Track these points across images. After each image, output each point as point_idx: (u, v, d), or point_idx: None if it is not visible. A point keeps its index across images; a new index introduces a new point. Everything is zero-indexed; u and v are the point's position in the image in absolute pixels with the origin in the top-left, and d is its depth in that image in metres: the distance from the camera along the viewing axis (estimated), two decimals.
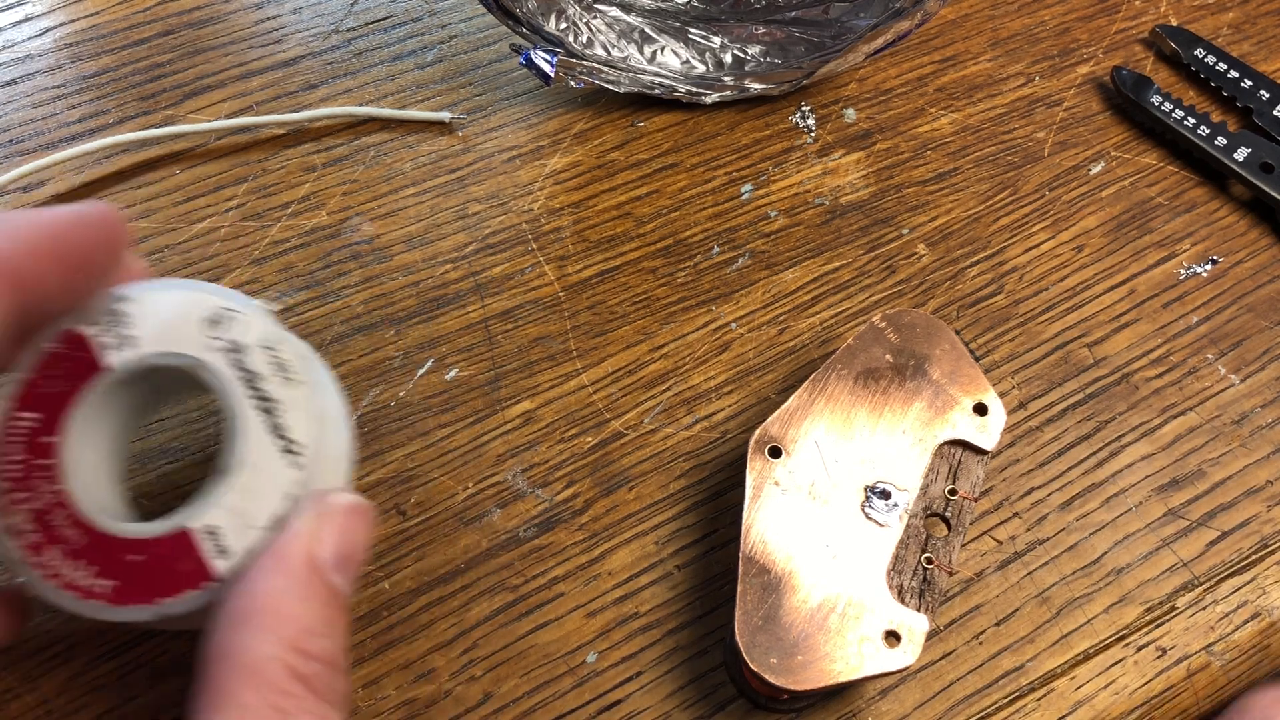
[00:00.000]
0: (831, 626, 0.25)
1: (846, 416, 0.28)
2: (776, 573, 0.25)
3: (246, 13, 0.39)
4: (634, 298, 0.33)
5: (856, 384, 0.28)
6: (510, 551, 0.29)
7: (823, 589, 0.25)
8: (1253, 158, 0.35)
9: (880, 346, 0.29)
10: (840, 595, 0.25)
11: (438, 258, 0.33)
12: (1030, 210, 0.35)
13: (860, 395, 0.28)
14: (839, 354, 0.28)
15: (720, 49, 0.37)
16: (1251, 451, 0.31)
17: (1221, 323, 0.33)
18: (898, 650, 0.25)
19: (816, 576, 0.25)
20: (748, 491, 0.26)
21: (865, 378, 0.28)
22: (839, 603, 0.25)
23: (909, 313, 0.29)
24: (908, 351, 0.29)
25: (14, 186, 0.34)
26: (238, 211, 0.34)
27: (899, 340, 0.29)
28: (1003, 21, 0.40)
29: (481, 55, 0.38)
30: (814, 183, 0.35)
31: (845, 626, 0.25)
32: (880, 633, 0.25)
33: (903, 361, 0.28)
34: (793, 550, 0.26)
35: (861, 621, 0.25)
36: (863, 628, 0.25)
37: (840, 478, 0.27)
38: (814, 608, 0.25)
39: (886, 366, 0.28)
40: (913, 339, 0.29)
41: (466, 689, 0.27)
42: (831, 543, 0.26)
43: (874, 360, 0.28)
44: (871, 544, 0.26)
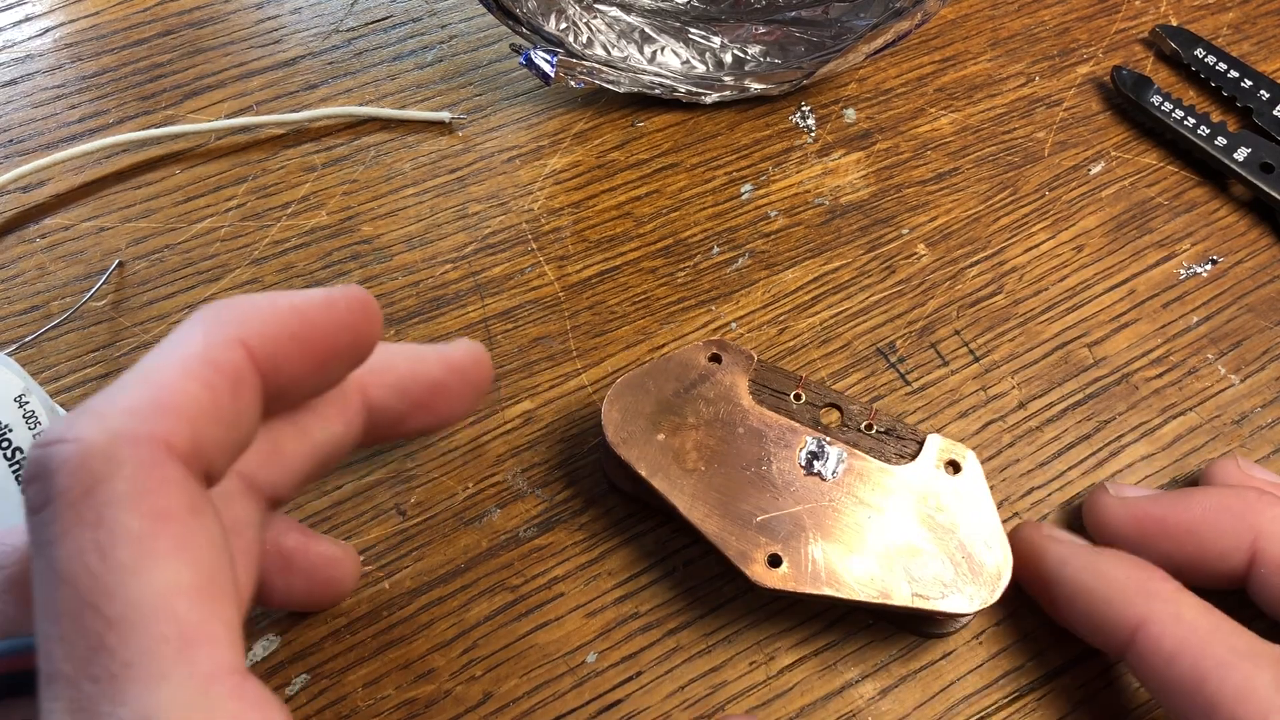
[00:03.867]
0: (947, 524, 0.26)
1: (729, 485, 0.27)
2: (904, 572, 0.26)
3: (246, 13, 0.39)
4: (634, 298, 0.33)
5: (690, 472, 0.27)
6: (510, 551, 0.29)
7: (910, 528, 0.26)
8: (1253, 158, 0.35)
9: (646, 443, 0.27)
10: (915, 513, 0.26)
11: (438, 258, 0.33)
12: (1030, 210, 0.35)
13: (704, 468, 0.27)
14: (658, 485, 0.26)
15: (720, 49, 0.37)
16: (1251, 451, 0.31)
17: (1221, 323, 0.33)
18: (966, 467, 0.27)
19: (900, 532, 0.26)
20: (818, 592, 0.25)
21: (681, 462, 0.27)
22: (924, 514, 0.26)
23: (604, 408, 0.27)
24: (651, 415, 0.27)
25: (14, 186, 0.34)
26: (238, 211, 0.34)
27: (640, 424, 0.27)
28: (1003, 21, 0.40)
29: (481, 55, 0.38)
30: (814, 183, 0.35)
31: (949, 512, 0.26)
32: (948, 479, 0.27)
33: (665, 421, 0.27)
34: (875, 555, 0.26)
35: (940, 494, 0.26)
36: (946, 494, 0.26)
37: (796, 498, 0.27)
38: (930, 538, 0.26)
39: (670, 438, 0.27)
40: (636, 409, 0.27)
41: (466, 689, 0.27)
42: (862, 515, 0.26)
43: (663, 449, 0.27)
44: (860, 478, 0.27)
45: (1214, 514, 0.25)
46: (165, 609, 0.15)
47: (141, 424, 0.16)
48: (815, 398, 0.28)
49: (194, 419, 0.16)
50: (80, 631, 0.15)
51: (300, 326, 0.19)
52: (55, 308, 0.32)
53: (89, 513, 0.15)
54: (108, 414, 0.16)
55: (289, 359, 0.18)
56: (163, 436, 0.16)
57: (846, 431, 0.28)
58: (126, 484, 0.15)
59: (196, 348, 0.17)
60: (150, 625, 0.15)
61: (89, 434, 0.15)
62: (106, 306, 0.32)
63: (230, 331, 0.18)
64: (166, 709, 0.14)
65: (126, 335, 0.32)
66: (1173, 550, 0.26)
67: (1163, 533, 0.26)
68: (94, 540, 0.15)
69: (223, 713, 0.14)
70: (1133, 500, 0.27)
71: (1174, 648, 0.23)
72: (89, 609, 0.15)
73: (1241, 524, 0.25)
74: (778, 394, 0.28)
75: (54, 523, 0.15)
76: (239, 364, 0.17)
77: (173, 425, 0.16)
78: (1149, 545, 0.26)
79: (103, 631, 0.14)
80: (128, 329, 0.32)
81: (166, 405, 0.16)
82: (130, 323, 0.32)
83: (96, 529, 0.15)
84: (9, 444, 0.25)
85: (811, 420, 0.28)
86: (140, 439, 0.15)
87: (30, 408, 0.26)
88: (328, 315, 0.19)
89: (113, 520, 0.15)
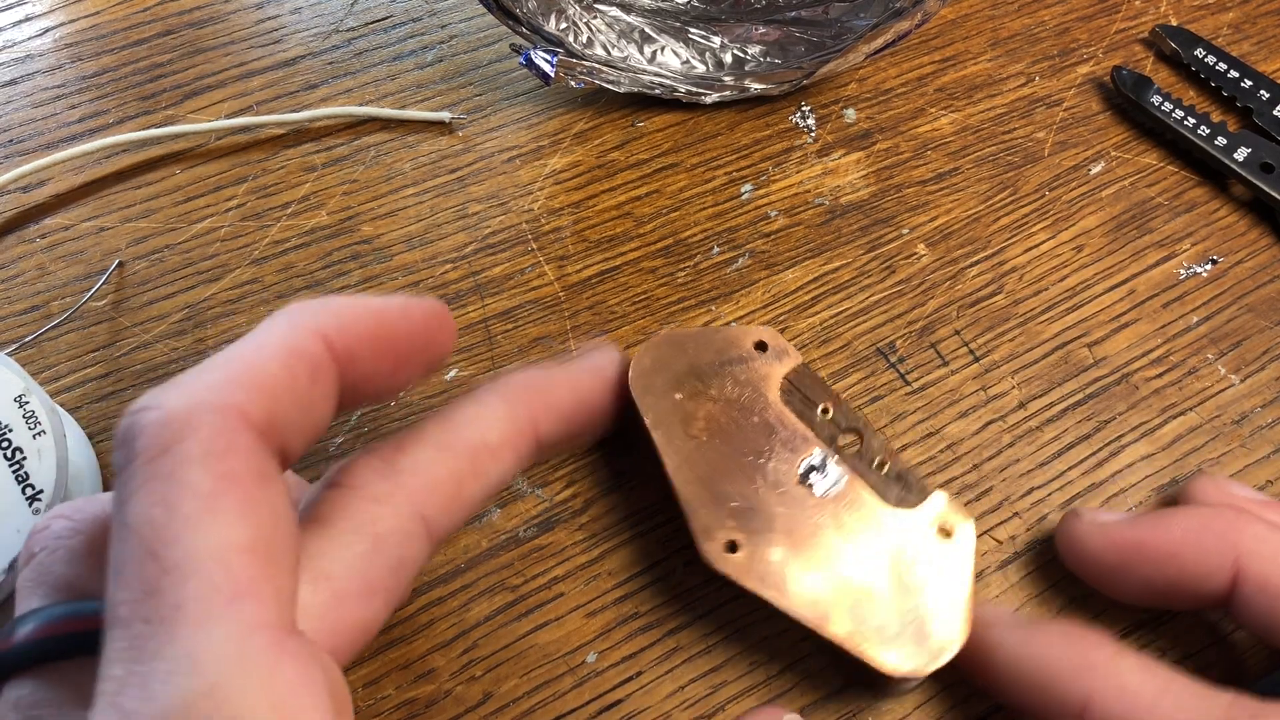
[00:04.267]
0: (913, 583, 0.25)
1: (721, 463, 0.27)
2: (846, 607, 0.25)
3: (246, 13, 0.39)
4: (634, 298, 0.33)
5: (690, 439, 0.27)
6: (510, 551, 0.29)
7: (877, 572, 0.25)
8: (1253, 158, 0.35)
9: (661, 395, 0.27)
10: (889, 558, 0.25)
11: (438, 258, 0.33)
12: (1030, 210, 0.35)
13: (705, 441, 0.27)
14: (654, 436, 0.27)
15: (720, 49, 0.37)
16: (1251, 451, 0.31)
17: (1221, 323, 0.33)
18: (957, 535, 0.26)
19: (863, 571, 0.25)
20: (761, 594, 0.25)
21: (688, 426, 0.27)
22: (895, 563, 0.25)
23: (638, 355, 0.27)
24: (678, 376, 0.28)
25: (14, 186, 0.34)
26: (238, 211, 0.34)
27: (663, 379, 0.27)
28: (1003, 21, 0.40)
29: (481, 55, 0.38)
30: (814, 183, 0.35)
31: (919, 569, 0.25)
32: (936, 541, 0.25)
33: (689, 386, 0.27)
34: (830, 580, 0.25)
35: (920, 552, 0.25)
36: (925, 553, 0.25)
37: (781, 500, 0.26)
38: (893, 589, 0.25)
39: (686, 401, 0.27)
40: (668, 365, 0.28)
41: (466, 689, 0.27)
42: (837, 541, 0.26)
43: (675, 410, 0.27)
44: (852, 506, 0.26)
45: (1194, 535, 0.25)
46: (219, 561, 0.16)
47: (220, 394, 0.17)
48: (842, 419, 0.28)
49: (271, 395, 0.17)
50: (140, 576, 0.15)
51: (378, 328, 0.20)
52: (55, 308, 0.32)
53: (163, 469, 0.16)
54: (191, 385, 0.17)
55: (365, 357, 0.20)
56: (239, 406, 0.17)
57: (858, 461, 0.27)
58: (201, 446, 0.16)
59: (279, 335, 0.18)
60: (203, 574, 0.15)
61: (172, 402, 0.17)
62: (106, 306, 0.32)
63: (312, 324, 0.19)
64: (209, 650, 0.15)
65: (126, 335, 0.32)
66: (1153, 575, 0.25)
67: (1142, 557, 0.25)
68: (163, 493, 0.16)
69: (261, 660, 0.15)
70: (1110, 526, 0.26)
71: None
72: (149, 556, 0.15)
73: (1223, 543, 0.24)
74: (807, 402, 0.28)
75: (132, 480, 0.16)
76: (318, 353, 0.19)
77: (250, 398, 0.17)
78: (1129, 572, 0.25)
79: (159, 576, 0.15)
80: (128, 329, 0.32)
81: (245, 380, 0.17)
82: (130, 323, 0.32)
83: (168, 483, 0.16)
84: (9, 444, 0.25)
85: (828, 437, 0.27)
86: (218, 407, 0.17)
87: (30, 408, 0.26)
88: (404, 321, 0.21)
89: (183, 476, 0.16)
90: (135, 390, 0.31)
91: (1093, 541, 0.26)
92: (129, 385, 0.31)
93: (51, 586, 0.19)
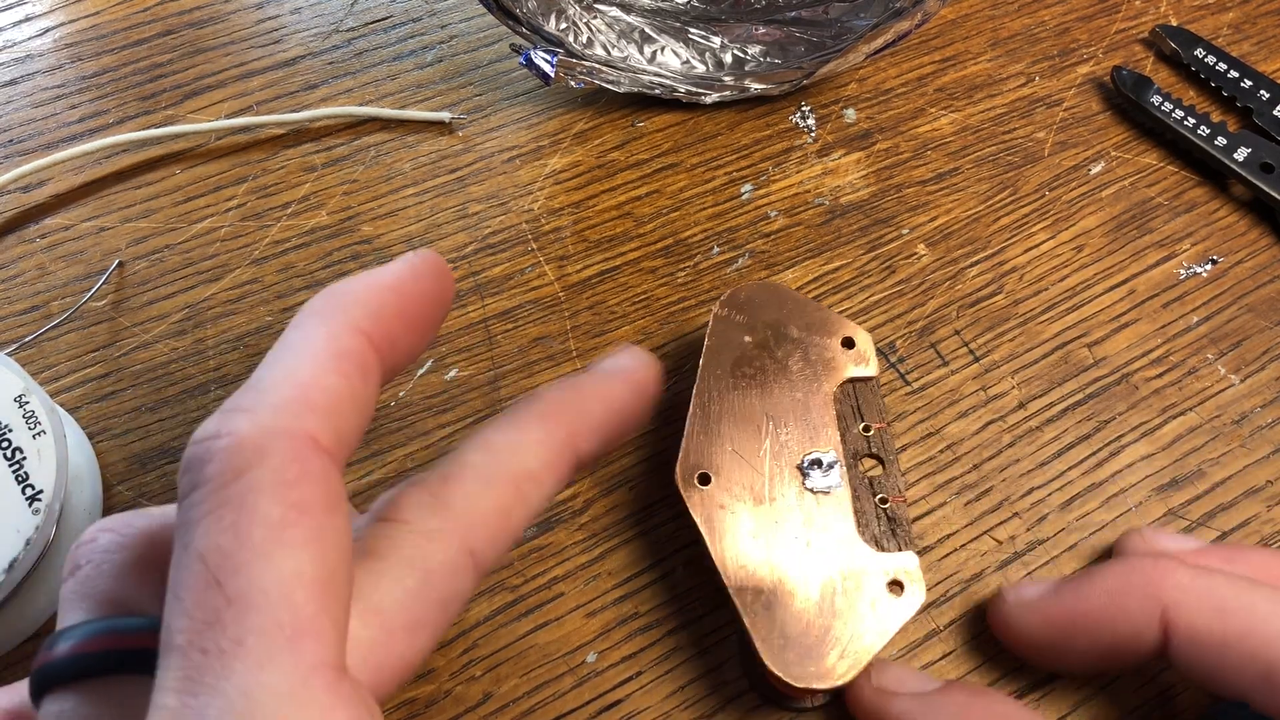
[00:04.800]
0: (841, 608, 0.25)
1: (744, 411, 0.28)
2: (768, 588, 0.25)
3: (246, 13, 0.39)
4: (634, 298, 0.33)
5: (735, 378, 0.28)
6: (510, 551, 0.29)
7: (815, 579, 0.25)
8: (1253, 158, 0.35)
9: (735, 332, 0.29)
10: (832, 576, 0.25)
11: None
12: (1030, 210, 0.35)
13: (744, 386, 0.28)
14: (705, 357, 0.28)
15: (720, 49, 0.37)
16: (1251, 451, 0.31)
17: (1221, 323, 0.33)
18: (906, 594, 0.25)
19: (803, 571, 0.25)
20: (700, 528, 0.26)
21: (739, 367, 0.28)
22: (835, 583, 0.25)
23: (744, 289, 0.30)
24: (761, 324, 0.29)
25: (14, 186, 0.34)
26: (238, 211, 0.34)
27: (748, 319, 0.29)
28: (1003, 21, 0.40)
29: (481, 55, 0.38)
30: (814, 183, 0.35)
31: (852, 601, 0.25)
32: (883, 588, 0.25)
33: (762, 336, 0.29)
34: (770, 559, 0.26)
35: (863, 588, 0.25)
36: (867, 592, 0.25)
37: (771, 470, 0.27)
38: (818, 601, 0.25)
39: (751, 348, 0.29)
40: (759, 311, 0.29)
41: (466, 689, 0.27)
42: (798, 533, 0.26)
43: (737, 348, 0.29)
44: (830, 514, 0.26)
45: (1117, 596, 0.24)
46: (284, 596, 0.15)
47: (291, 420, 0.17)
48: (877, 446, 0.28)
49: (336, 412, 0.17)
50: (201, 605, 0.15)
51: (401, 302, 0.20)
52: (55, 308, 0.32)
53: (233, 497, 0.16)
54: (259, 411, 0.17)
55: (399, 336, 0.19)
56: (310, 432, 0.17)
57: (862, 485, 0.27)
58: (272, 474, 0.16)
59: (323, 340, 0.18)
60: (267, 608, 0.15)
61: (243, 429, 0.16)
62: (106, 306, 0.32)
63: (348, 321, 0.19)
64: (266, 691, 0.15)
65: (126, 335, 0.32)
66: (1088, 646, 0.25)
67: (1073, 628, 0.25)
68: (232, 521, 0.16)
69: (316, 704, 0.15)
70: (1035, 602, 0.26)
71: None
72: (213, 585, 0.15)
73: (1146, 599, 0.24)
74: (855, 412, 0.28)
75: (199, 505, 0.16)
76: (363, 350, 0.18)
77: (319, 421, 0.17)
78: (1064, 645, 0.25)
79: (221, 607, 0.15)
80: (128, 329, 0.32)
81: (312, 402, 0.17)
82: (130, 323, 0.32)
83: (238, 511, 0.16)
84: (9, 444, 0.25)
85: (853, 451, 0.28)
86: (290, 433, 0.16)
87: (30, 408, 0.26)
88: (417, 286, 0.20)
89: (253, 505, 0.16)
90: (135, 390, 0.31)
91: (1023, 622, 0.26)
92: (129, 385, 0.31)
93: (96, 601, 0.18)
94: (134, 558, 0.19)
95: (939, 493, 0.30)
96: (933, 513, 0.30)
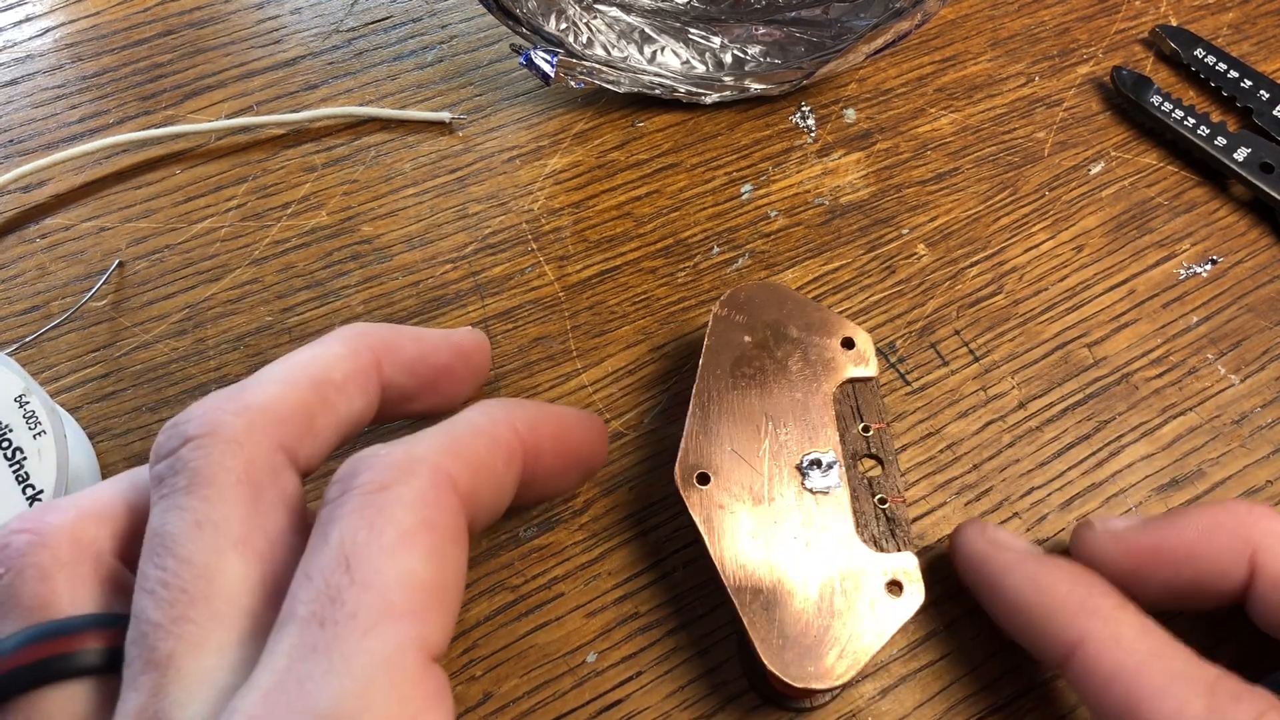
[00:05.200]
0: (840, 609, 0.25)
1: (744, 411, 0.28)
2: (767, 588, 0.25)
3: (246, 13, 0.39)
4: (634, 298, 0.33)
5: (735, 378, 0.28)
6: (510, 551, 0.29)
7: (814, 579, 0.25)
8: (1253, 158, 0.35)
9: (735, 331, 0.29)
10: (831, 577, 0.25)
11: (438, 258, 0.33)
12: (1030, 210, 0.35)
13: (744, 386, 0.28)
14: (704, 358, 0.28)
15: (720, 49, 0.37)
16: (1251, 451, 0.31)
17: (1221, 323, 0.33)
18: (906, 595, 0.25)
19: (802, 571, 0.25)
20: (699, 527, 0.26)
21: (738, 367, 0.28)
22: (834, 583, 0.25)
23: (744, 289, 0.30)
24: (760, 324, 0.29)
25: (14, 186, 0.34)
26: (238, 211, 0.34)
27: (747, 318, 0.29)
28: (1003, 21, 0.40)
29: (481, 55, 0.38)
30: (814, 183, 0.35)
31: (851, 601, 0.25)
32: (882, 589, 0.25)
33: (761, 336, 0.29)
34: (769, 559, 0.25)
35: (862, 588, 0.25)
36: (866, 593, 0.25)
37: (770, 470, 0.27)
38: (817, 601, 0.25)
39: (750, 348, 0.29)
40: (758, 311, 0.29)
41: (466, 689, 0.27)
42: (797, 533, 0.26)
43: (737, 348, 0.29)
44: (829, 514, 0.26)
45: (1209, 534, 0.25)
46: (400, 584, 0.17)
47: (438, 456, 0.19)
48: (876, 445, 0.28)
49: (475, 470, 0.20)
50: (327, 583, 0.17)
51: (559, 430, 0.23)
52: (55, 308, 0.32)
53: (377, 501, 0.18)
54: (413, 444, 0.19)
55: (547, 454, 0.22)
56: (450, 471, 0.19)
57: (862, 485, 0.27)
58: (413, 492, 0.18)
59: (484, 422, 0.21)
60: (383, 590, 0.17)
61: (396, 452, 0.19)
62: (106, 306, 0.32)
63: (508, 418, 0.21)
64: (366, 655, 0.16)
65: (126, 335, 0.32)
66: (1171, 577, 0.25)
67: (1158, 561, 0.25)
68: (372, 519, 0.18)
69: (408, 677, 0.16)
70: (1123, 533, 0.26)
71: (1110, 671, 0.22)
72: (342, 565, 0.17)
73: (1237, 540, 0.24)
74: (855, 412, 0.28)
75: (345, 504, 0.18)
76: (513, 443, 0.21)
77: (459, 467, 0.19)
78: (1146, 576, 0.25)
79: (345, 586, 0.17)
80: (128, 329, 0.32)
81: (458, 451, 0.20)
82: (130, 323, 0.32)
83: (378, 513, 0.18)
84: (9, 444, 0.25)
85: (852, 452, 0.28)
86: (434, 465, 0.19)
87: (30, 408, 0.26)
88: (579, 428, 0.24)
89: (391, 512, 0.18)
90: (135, 390, 0.31)
91: (1109, 550, 0.26)
92: (129, 385, 0.31)
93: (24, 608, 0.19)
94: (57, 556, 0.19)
95: (939, 493, 0.30)
96: (933, 513, 0.30)
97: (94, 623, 0.18)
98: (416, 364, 0.24)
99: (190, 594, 0.18)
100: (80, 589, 0.19)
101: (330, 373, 0.22)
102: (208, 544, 0.18)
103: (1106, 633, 0.23)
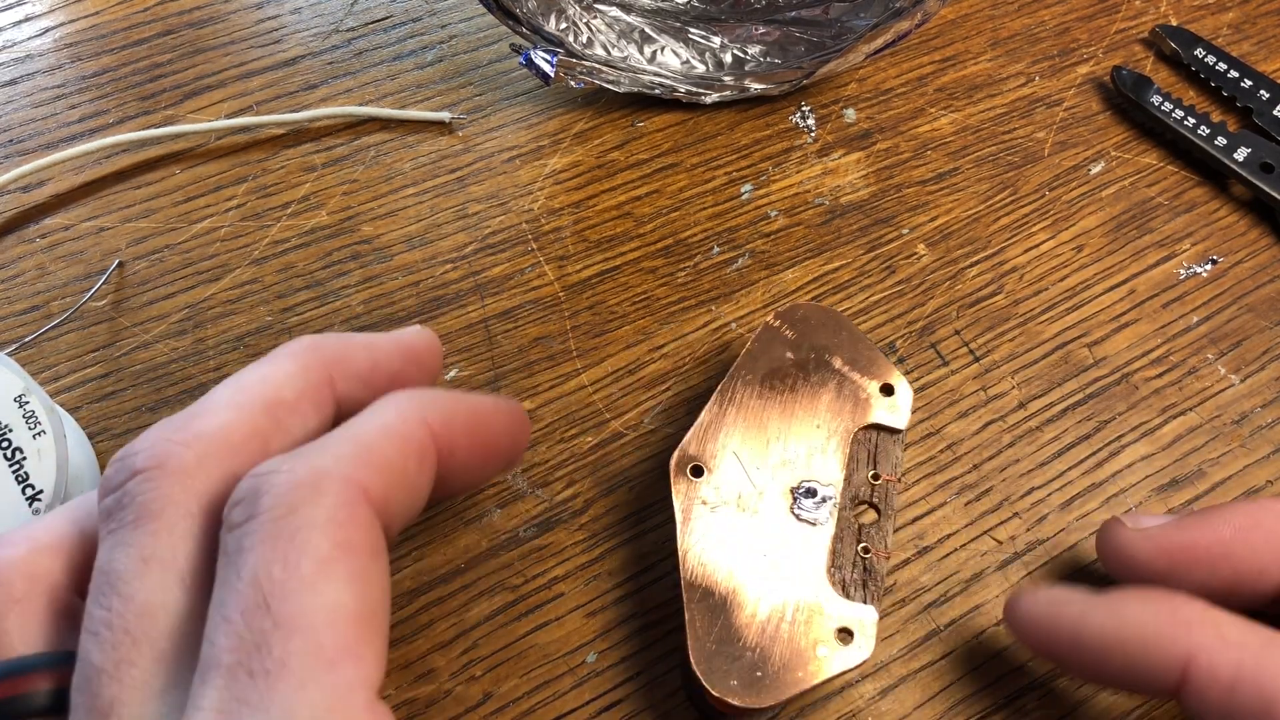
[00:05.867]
0: (784, 636, 0.24)
1: (759, 421, 0.27)
2: (720, 593, 0.25)
3: (246, 13, 0.39)
4: (634, 298, 0.33)
5: (763, 387, 0.28)
6: (510, 551, 0.29)
7: (769, 600, 0.25)
8: (1253, 158, 0.35)
9: (779, 345, 0.29)
10: (787, 603, 0.25)
11: (438, 258, 0.33)
12: (1030, 210, 0.35)
13: (769, 397, 0.28)
14: (741, 360, 0.28)
15: (720, 49, 0.37)
16: (1251, 451, 0.31)
17: (1221, 323, 0.33)
18: (852, 646, 0.24)
19: (760, 589, 0.25)
20: (677, 516, 0.26)
21: (770, 379, 0.28)
22: (787, 611, 0.25)
23: (802, 307, 0.29)
24: (807, 345, 0.29)
25: (14, 186, 0.34)
26: (238, 211, 0.34)
27: (796, 336, 0.29)
28: (1003, 21, 0.40)
29: (481, 55, 0.38)
30: (814, 183, 0.35)
31: (798, 633, 0.24)
32: (832, 633, 0.25)
33: (804, 356, 0.29)
34: (732, 566, 0.25)
35: (812, 625, 0.25)
36: (815, 631, 0.25)
37: (764, 484, 0.26)
38: (764, 620, 0.25)
39: (789, 364, 0.28)
40: (810, 332, 0.29)
41: (466, 689, 0.27)
42: (768, 551, 0.26)
43: (776, 360, 0.28)
44: (807, 545, 0.26)
45: (1246, 532, 0.24)
46: (327, 622, 0.16)
47: (345, 467, 0.18)
48: (880, 497, 0.27)
49: (387, 474, 0.18)
50: (249, 628, 0.16)
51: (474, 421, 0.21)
52: (55, 308, 0.32)
53: (286, 529, 0.17)
54: (317, 456, 0.18)
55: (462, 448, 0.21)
56: (361, 481, 0.18)
57: (850, 528, 0.27)
58: (324, 513, 0.17)
59: (391, 420, 0.20)
60: (311, 632, 0.16)
61: (300, 468, 0.18)
62: (106, 306, 0.32)
63: (419, 413, 0.20)
64: (306, 709, 0.15)
65: (126, 335, 0.32)
66: (1206, 577, 0.24)
67: (1193, 560, 0.24)
68: (284, 551, 0.17)
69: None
70: (1155, 532, 0.25)
71: (1231, 675, 0.21)
72: (261, 609, 0.16)
73: (1275, 536, 0.23)
74: (870, 457, 0.28)
75: (252, 534, 0.17)
76: (424, 440, 0.20)
77: (370, 475, 0.18)
78: (1180, 577, 0.24)
79: (269, 630, 0.16)
80: (128, 329, 0.32)
81: (366, 458, 0.18)
82: (130, 323, 0.32)
83: (290, 543, 0.17)
84: (9, 444, 0.25)
85: (852, 494, 0.27)
86: (343, 479, 0.18)
87: (30, 408, 0.26)
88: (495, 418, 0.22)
89: (304, 539, 0.17)
90: (135, 390, 0.31)
91: (1140, 550, 0.25)
92: (129, 385, 0.31)
93: None
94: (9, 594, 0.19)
95: (939, 493, 0.30)
96: (933, 513, 0.30)
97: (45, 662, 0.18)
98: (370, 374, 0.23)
99: (133, 635, 0.17)
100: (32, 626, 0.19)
101: (282, 392, 0.21)
102: (154, 581, 0.17)
103: (1212, 637, 0.22)
